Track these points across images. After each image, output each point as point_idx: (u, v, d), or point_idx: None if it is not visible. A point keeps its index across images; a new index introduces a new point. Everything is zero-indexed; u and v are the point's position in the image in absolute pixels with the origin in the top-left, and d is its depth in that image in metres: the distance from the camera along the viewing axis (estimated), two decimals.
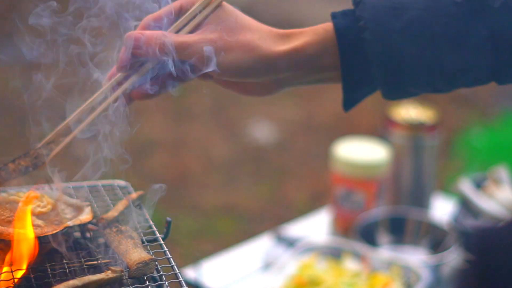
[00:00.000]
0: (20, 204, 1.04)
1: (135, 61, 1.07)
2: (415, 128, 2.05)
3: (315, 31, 1.06)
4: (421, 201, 2.10)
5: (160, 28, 1.07)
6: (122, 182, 1.18)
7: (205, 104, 4.56)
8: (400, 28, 1.00)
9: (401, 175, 2.09)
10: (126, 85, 1.08)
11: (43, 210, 1.04)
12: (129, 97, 1.10)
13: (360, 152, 2.02)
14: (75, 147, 1.11)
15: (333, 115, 4.46)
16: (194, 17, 1.06)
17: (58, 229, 1.01)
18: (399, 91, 1.06)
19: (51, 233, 1.00)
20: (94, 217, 1.07)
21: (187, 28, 1.06)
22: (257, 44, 1.04)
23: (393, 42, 1.00)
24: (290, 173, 4.04)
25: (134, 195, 1.13)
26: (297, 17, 5.75)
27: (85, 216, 1.05)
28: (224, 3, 1.07)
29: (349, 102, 1.09)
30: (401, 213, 2.01)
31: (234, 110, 4.51)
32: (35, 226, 1.01)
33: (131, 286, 0.95)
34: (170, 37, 1.04)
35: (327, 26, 1.06)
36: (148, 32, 1.04)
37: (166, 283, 0.96)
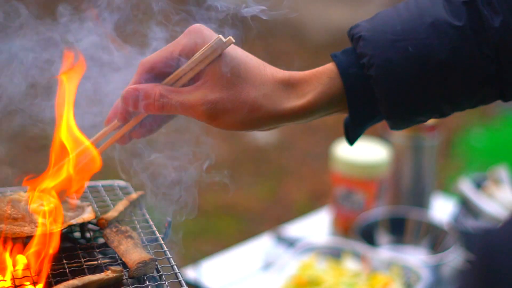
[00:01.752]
0: (22, 203, 1.04)
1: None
2: (415, 128, 2.05)
3: (320, 81, 1.01)
4: (421, 201, 2.10)
5: (156, 78, 1.02)
6: (122, 182, 1.18)
7: None
8: (405, 60, 0.98)
9: (401, 175, 2.09)
10: (124, 130, 1.06)
11: (46, 209, 1.04)
12: (129, 137, 1.08)
13: (360, 152, 2.02)
14: None
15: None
16: (195, 66, 1.00)
17: (62, 227, 1.01)
18: (406, 122, 1.04)
19: (55, 231, 1.00)
20: (96, 216, 1.07)
21: (186, 77, 1.01)
22: (261, 103, 0.98)
23: (399, 76, 0.98)
24: (290, 173, 4.04)
25: (134, 195, 1.13)
26: (297, 17, 5.75)
27: (88, 215, 1.06)
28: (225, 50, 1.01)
29: (354, 137, 1.07)
30: (401, 213, 2.01)
31: None
32: (38, 224, 1.01)
33: (131, 286, 0.95)
34: (169, 96, 0.99)
35: (331, 72, 1.01)
36: (145, 89, 1.00)
37: (166, 283, 0.96)
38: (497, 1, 0.97)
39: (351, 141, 1.07)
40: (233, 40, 0.99)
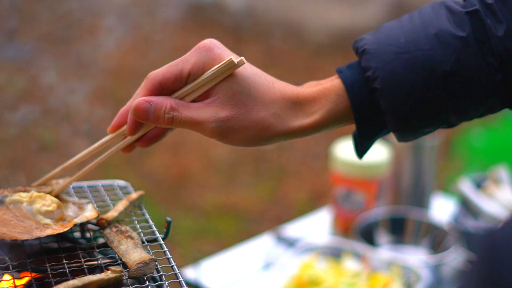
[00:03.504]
0: (24, 204, 1.04)
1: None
2: None
3: (328, 98, 1.01)
4: (421, 201, 2.11)
5: (164, 94, 1.02)
6: (122, 182, 1.18)
7: None
8: (409, 72, 0.98)
9: (401, 175, 2.09)
10: (130, 140, 1.06)
11: (49, 209, 1.04)
12: (133, 146, 1.08)
13: None
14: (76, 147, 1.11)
15: None
16: (205, 84, 1.00)
17: (67, 226, 1.01)
18: (413, 134, 1.04)
19: (62, 231, 1.00)
20: (97, 214, 1.07)
21: (195, 94, 1.01)
22: (270, 122, 0.99)
23: (404, 88, 0.98)
24: (290, 173, 4.04)
25: (134, 195, 1.12)
26: (297, 17, 5.75)
27: (90, 213, 1.06)
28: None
29: (362, 150, 1.07)
30: (401, 213, 2.01)
31: None
32: (44, 225, 1.01)
33: (131, 286, 0.95)
34: (179, 110, 1.00)
35: (338, 89, 1.02)
36: (156, 102, 1.00)
37: (166, 283, 0.96)
38: (501, 10, 0.97)
39: (360, 154, 1.07)
40: (245, 61, 0.99)
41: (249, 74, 1.01)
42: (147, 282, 0.96)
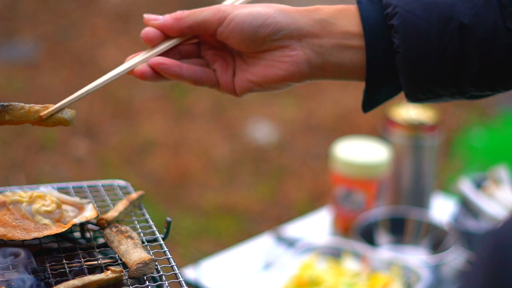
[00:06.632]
0: (24, 205, 1.04)
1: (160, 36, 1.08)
2: (415, 128, 2.05)
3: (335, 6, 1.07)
4: (421, 201, 2.11)
5: None
6: (122, 182, 1.18)
7: (205, 104, 4.55)
8: (427, 16, 0.99)
9: (401, 175, 2.09)
10: (146, 56, 1.06)
11: (49, 209, 1.04)
12: (155, 73, 1.06)
13: (360, 152, 2.02)
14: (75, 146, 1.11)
15: (333, 115, 4.46)
16: None
17: (66, 227, 1.01)
18: (422, 89, 1.03)
19: (60, 231, 1.00)
20: (97, 214, 1.07)
21: None
22: (276, 4, 1.06)
23: (420, 30, 0.99)
24: (290, 173, 4.04)
25: (134, 195, 1.12)
26: None
27: (90, 213, 1.06)
28: None
29: (369, 102, 1.07)
30: (401, 213, 2.01)
31: (234, 110, 4.51)
32: (43, 225, 1.01)
33: (131, 286, 0.95)
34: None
35: (353, 12, 1.06)
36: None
37: (166, 283, 0.96)
38: None
39: (365, 107, 1.07)
40: None
41: None
42: (147, 282, 0.96)
